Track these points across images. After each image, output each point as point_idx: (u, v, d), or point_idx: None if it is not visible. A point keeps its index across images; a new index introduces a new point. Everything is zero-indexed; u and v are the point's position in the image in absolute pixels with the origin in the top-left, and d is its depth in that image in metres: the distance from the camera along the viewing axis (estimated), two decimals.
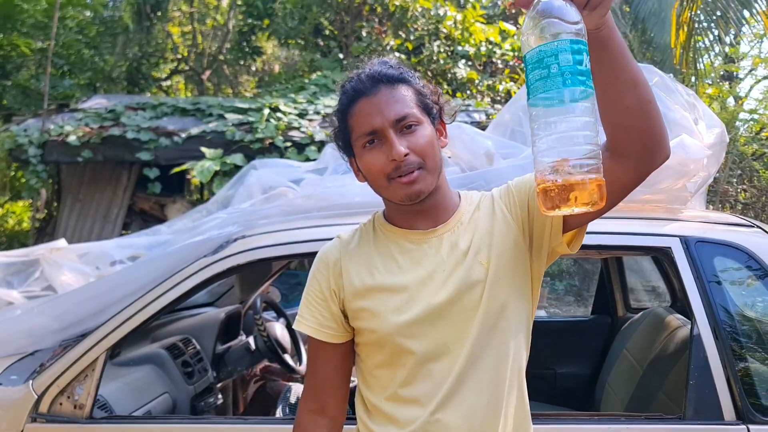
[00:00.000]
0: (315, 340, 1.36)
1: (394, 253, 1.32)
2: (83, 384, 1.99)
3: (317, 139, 6.10)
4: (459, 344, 1.27)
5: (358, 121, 1.26)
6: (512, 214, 1.32)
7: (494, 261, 1.28)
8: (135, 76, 13.14)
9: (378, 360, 1.32)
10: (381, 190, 1.30)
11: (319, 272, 1.36)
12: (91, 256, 3.06)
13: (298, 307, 1.39)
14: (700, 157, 2.11)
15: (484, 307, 1.27)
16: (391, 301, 1.28)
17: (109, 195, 7.10)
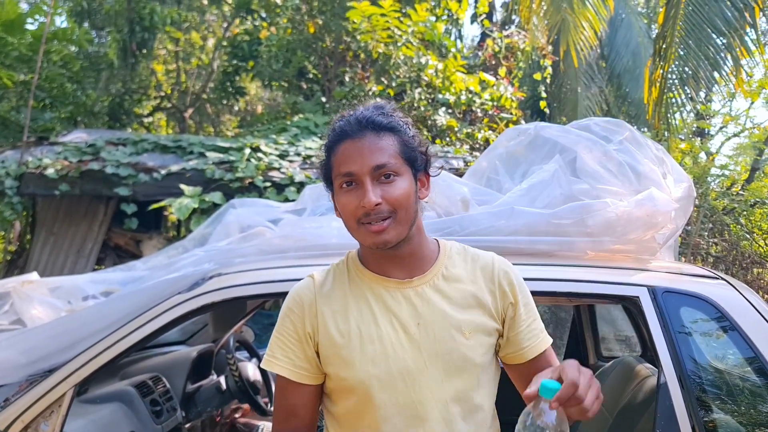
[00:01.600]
0: (286, 380, 1.34)
1: (369, 299, 1.33)
2: (48, 420, 1.96)
3: (297, 180, 6.14)
4: (430, 409, 1.28)
5: (339, 161, 1.29)
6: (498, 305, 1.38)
7: (474, 332, 1.32)
8: (117, 111, 13.13)
9: (346, 406, 1.33)
10: (351, 232, 1.32)
11: (292, 313, 1.36)
12: (63, 290, 3.02)
13: (267, 349, 1.38)
14: (668, 209, 2.18)
15: (460, 374, 1.30)
16: (365, 351, 1.28)
17: (84, 229, 7.03)
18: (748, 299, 1.90)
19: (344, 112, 1.37)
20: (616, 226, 2.15)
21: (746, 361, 1.85)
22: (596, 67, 12.73)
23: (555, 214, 2.21)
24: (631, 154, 2.37)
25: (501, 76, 9.18)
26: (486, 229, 2.29)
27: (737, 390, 1.87)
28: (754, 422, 1.84)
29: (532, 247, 2.20)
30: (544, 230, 2.21)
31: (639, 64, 11.62)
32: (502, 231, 2.26)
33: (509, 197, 2.41)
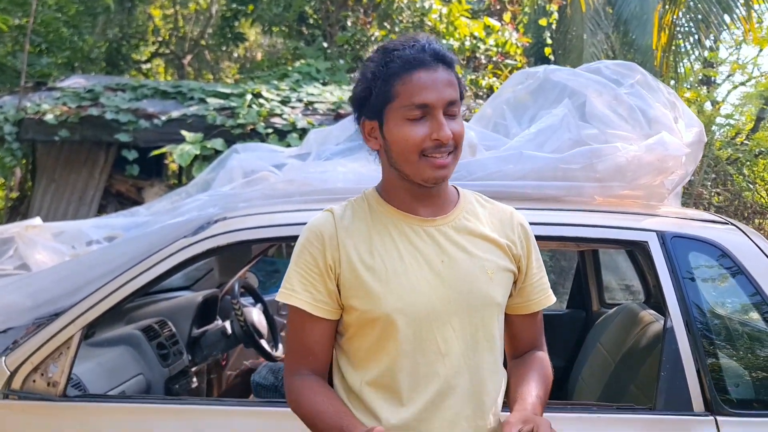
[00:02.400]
0: (304, 314, 1.31)
1: (393, 234, 1.31)
2: (57, 362, 1.97)
3: (299, 126, 6.06)
4: (452, 345, 1.29)
5: (411, 90, 1.24)
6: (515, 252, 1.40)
7: (496, 271, 1.34)
8: (114, 57, 12.92)
9: (365, 341, 1.31)
10: (404, 164, 1.28)
11: (311, 245, 1.32)
12: (67, 235, 3.01)
13: (283, 281, 1.34)
14: (679, 154, 2.15)
15: (481, 312, 1.32)
16: (391, 284, 1.27)
17: (86, 176, 6.98)
18: (758, 244, 1.89)
19: (400, 39, 1.33)
20: (625, 171, 2.12)
21: (754, 306, 1.85)
22: (603, 12, 12.43)
23: (564, 158, 2.18)
24: (642, 98, 2.32)
25: (506, 21, 8.96)
26: (493, 173, 2.27)
27: (744, 334, 1.88)
28: (759, 367, 1.86)
29: (540, 192, 2.17)
30: (552, 175, 2.18)
31: (647, 9, 11.34)
32: (510, 176, 2.23)
33: (517, 142, 2.38)
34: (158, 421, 1.90)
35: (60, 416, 1.93)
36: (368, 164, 2.58)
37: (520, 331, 1.47)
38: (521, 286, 1.42)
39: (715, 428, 1.70)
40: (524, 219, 1.45)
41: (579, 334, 3.22)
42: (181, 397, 2.52)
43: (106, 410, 1.95)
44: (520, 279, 1.41)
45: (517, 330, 1.47)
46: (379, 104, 1.28)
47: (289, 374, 1.36)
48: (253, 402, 2.14)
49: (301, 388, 1.33)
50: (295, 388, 1.34)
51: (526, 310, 1.45)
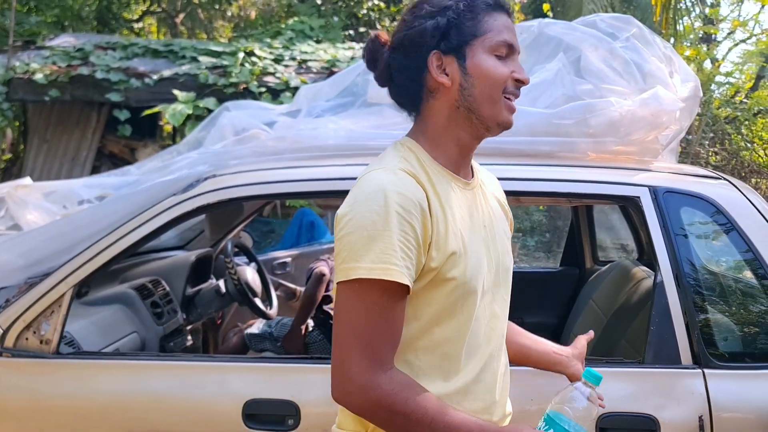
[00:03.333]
0: (399, 292, 1.13)
1: (452, 197, 1.22)
2: (50, 320, 1.97)
3: (292, 85, 5.99)
4: (498, 313, 1.32)
5: (500, 28, 1.22)
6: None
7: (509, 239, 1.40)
8: (105, 15, 12.69)
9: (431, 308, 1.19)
10: (486, 102, 1.20)
11: (412, 216, 1.12)
12: (58, 195, 2.99)
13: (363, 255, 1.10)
14: (674, 109, 2.12)
15: (507, 278, 1.36)
16: (468, 253, 1.20)
17: (78, 136, 6.93)
18: (750, 199, 1.88)
19: None
20: (619, 126, 2.09)
21: (745, 261, 1.85)
22: None
23: (556, 113, 2.15)
24: (638, 52, 2.28)
25: None
26: None
27: (734, 290, 1.89)
28: (748, 321, 1.87)
29: (533, 148, 2.15)
30: (544, 130, 2.16)
31: None
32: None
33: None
34: (152, 376, 1.92)
35: (53, 373, 1.94)
36: (359, 121, 2.56)
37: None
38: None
39: (703, 380, 1.72)
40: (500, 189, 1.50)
41: (572, 290, 3.23)
42: (175, 354, 2.54)
43: (99, 367, 1.97)
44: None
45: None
46: (464, 38, 1.21)
47: (375, 368, 1.11)
48: (248, 358, 2.15)
49: (402, 384, 1.12)
50: (395, 382, 1.11)
51: None
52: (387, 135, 2.34)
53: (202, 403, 1.84)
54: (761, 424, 1.70)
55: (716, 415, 1.69)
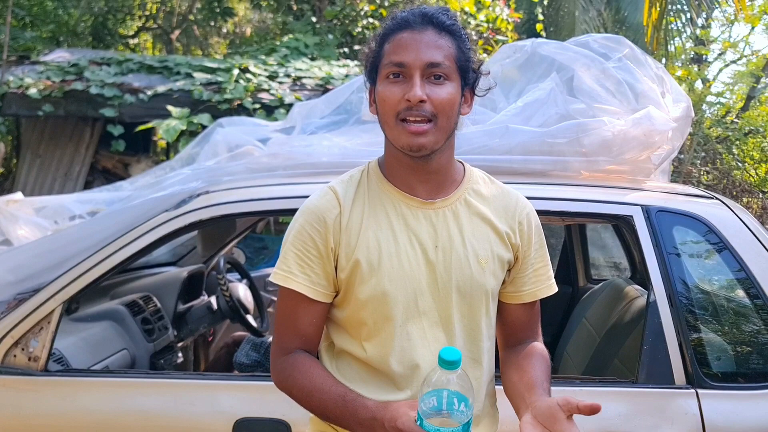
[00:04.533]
0: (300, 298, 1.29)
1: (390, 214, 1.29)
2: (38, 336, 1.95)
3: (287, 101, 6.00)
4: (437, 332, 1.28)
5: (392, 49, 1.22)
6: (514, 241, 1.35)
7: (489, 259, 1.31)
8: (101, 31, 12.72)
9: (360, 322, 1.30)
10: (386, 128, 1.25)
11: (312, 228, 1.28)
12: (49, 210, 2.97)
13: (278, 262, 1.30)
14: (666, 129, 2.13)
15: (469, 301, 1.30)
16: (382, 266, 1.25)
17: (71, 151, 6.91)
18: (742, 219, 1.88)
19: (406, 6, 1.30)
20: (611, 146, 2.10)
21: (738, 281, 1.85)
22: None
23: (550, 132, 2.17)
24: (630, 72, 2.30)
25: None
26: (479, 148, 2.25)
27: (726, 309, 1.88)
28: (741, 341, 1.86)
29: (526, 167, 2.16)
30: (538, 149, 2.17)
31: None
32: (496, 150, 2.21)
33: (503, 116, 2.35)
34: (142, 395, 1.89)
35: (41, 390, 1.91)
36: (353, 138, 2.57)
37: (512, 320, 1.42)
38: (515, 276, 1.38)
39: (696, 401, 1.71)
40: (531, 207, 1.40)
41: (565, 309, 3.23)
42: (165, 372, 2.51)
43: (88, 384, 1.94)
44: (516, 268, 1.37)
45: (509, 318, 1.42)
46: (373, 66, 1.27)
47: (278, 353, 1.33)
48: (239, 376, 2.13)
49: (294, 364, 1.29)
50: (286, 365, 1.30)
51: (518, 299, 1.40)
52: (380, 152, 2.34)
53: (192, 421, 1.82)
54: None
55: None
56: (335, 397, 1.23)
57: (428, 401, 1.06)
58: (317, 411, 1.29)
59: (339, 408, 1.22)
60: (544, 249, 1.42)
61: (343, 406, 1.22)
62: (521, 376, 1.29)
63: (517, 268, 1.37)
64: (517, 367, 1.33)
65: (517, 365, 1.34)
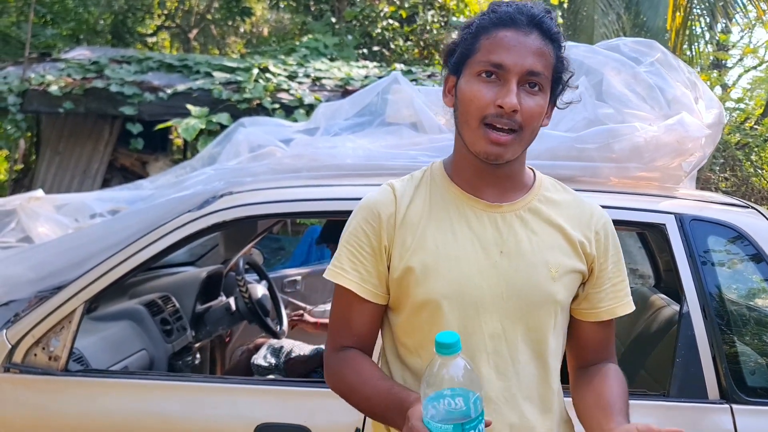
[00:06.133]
0: (352, 295, 1.24)
1: (452, 216, 1.22)
2: (59, 336, 1.94)
3: (306, 102, 5.99)
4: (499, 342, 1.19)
5: (491, 47, 1.14)
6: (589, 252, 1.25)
7: (560, 269, 1.21)
8: (120, 29, 12.80)
9: (414, 327, 1.24)
10: (465, 129, 1.17)
11: (367, 224, 1.23)
12: (70, 208, 2.97)
13: (333, 258, 1.26)
14: (699, 136, 2.08)
15: (537, 312, 1.20)
16: (439, 268, 1.18)
17: (90, 149, 6.94)
18: None
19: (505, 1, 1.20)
20: (643, 152, 2.06)
21: None
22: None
23: (580, 137, 2.12)
24: (662, 77, 2.25)
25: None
26: None
27: (762, 321, 1.83)
28: None
29: (555, 172, 2.07)
30: (567, 155, 2.12)
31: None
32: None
33: None
34: (163, 397, 1.87)
35: (61, 391, 1.90)
36: (377, 140, 2.54)
37: (587, 339, 1.31)
38: (591, 291, 1.27)
39: (731, 416, 1.66)
40: (608, 217, 1.30)
41: None
42: (186, 374, 2.50)
43: (109, 386, 1.92)
44: (590, 282, 1.26)
45: (583, 337, 1.31)
46: (462, 57, 1.19)
47: (331, 350, 1.29)
48: (258, 380, 2.11)
49: (344, 360, 1.25)
50: (336, 361, 1.26)
51: (594, 317, 1.28)
52: (405, 155, 2.31)
53: (213, 425, 1.80)
54: None
55: None
56: (382, 390, 1.16)
57: (430, 408, 0.98)
58: (364, 407, 1.24)
59: (384, 400, 1.15)
60: (622, 263, 1.31)
61: (387, 398, 1.15)
62: (597, 399, 1.19)
63: (593, 283, 1.26)
64: (591, 389, 1.23)
65: (592, 388, 1.23)
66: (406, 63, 7.40)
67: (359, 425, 1.73)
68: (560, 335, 1.26)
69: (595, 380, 1.25)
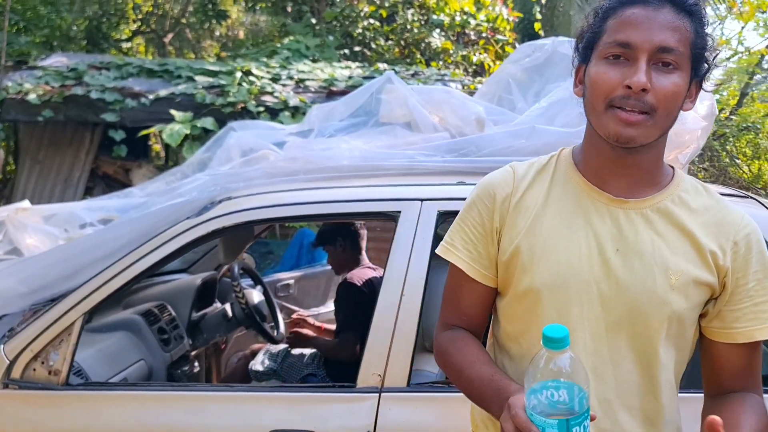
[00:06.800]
0: (461, 274, 1.22)
1: (570, 205, 1.16)
2: (58, 349, 1.89)
3: (291, 104, 5.94)
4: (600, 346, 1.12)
5: (618, 26, 1.07)
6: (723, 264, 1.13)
7: (684, 279, 1.11)
8: (95, 35, 12.63)
9: (515, 310, 1.20)
10: (592, 115, 1.11)
11: (482, 203, 1.20)
12: (59, 218, 2.92)
13: (447, 234, 1.25)
14: (696, 128, 2.10)
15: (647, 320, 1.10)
16: (548, 258, 1.13)
17: (71, 157, 6.83)
18: None
19: None
20: None
21: None
22: None
23: (577, 132, 2.11)
24: None
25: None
26: (504, 149, 2.21)
27: None
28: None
29: None
30: None
31: None
32: (521, 151, 2.17)
33: (527, 116, 2.31)
34: (167, 408, 1.84)
35: (63, 406, 1.86)
36: (371, 140, 2.52)
37: (721, 362, 1.17)
38: (724, 309, 1.13)
39: None
40: (755, 228, 1.15)
41: None
42: (190, 384, 2.47)
43: (112, 398, 1.88)
44: (723, 298, 1.13)
45: (715, 359, 1.17)
46: (589, 43, 1.12)
47: (441, 327, 1.28)
48: (261, 387, 2.08)
49: (452, 340, 1.24)
50: (444, 339, 1.25)
51: (728, 338, 1.14)
52: (403, 154, 2.30)
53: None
54: None
55: None
56: (485, 375, 1.13)
57: (533, 399, 0.94)
58: (464, 388, 1.20)
59: (484, 385, 1.12)
60: (767, 280, 1.15)
61: (489, 384, 1.11)
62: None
63: (726, 299, 1.13)
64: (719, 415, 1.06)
65: (718, 414, 1.02)
66: (387, 62, 7.40)
67: (370, 428, 1.71)
68: (676, 349, 1.15)
69: (725, 408, 1.11)
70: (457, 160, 2.21)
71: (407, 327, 1.75)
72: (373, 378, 1.75)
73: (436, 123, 2.49)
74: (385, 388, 1.73)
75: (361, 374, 1.76)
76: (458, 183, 1.96)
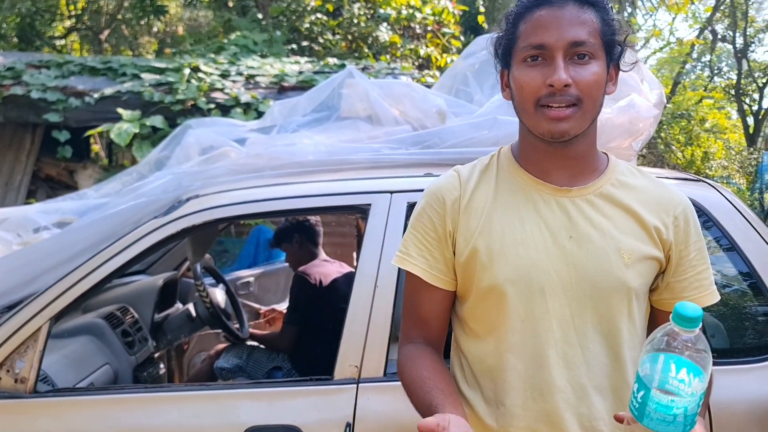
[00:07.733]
0: (419, 281, 1.24)
1: (518, 200, 1.20)
2: (24, 356, 1.84)
3: (243, 100, 5.86)
4: (567, 330, 1.16)
5: (530, 30, 1.13)
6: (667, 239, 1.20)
7: (634, 256, 1.16)
8: (27, 32, 12.15)
9: (478, 311, 1.22)
10: (524, 116, 1.17)
11: (431, 209, 1.23)
12: (11, 222, 2.81)
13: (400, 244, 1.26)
14: (649, 116, 2.18)
15: (608, 299, 1.15)
16: (506, 253, 1.16)
17: (11, 160, 6.55)
18: (731, 201, 1.94)
19: None
20: (599, 134, 2.10)
21: (732, 262, 1.91)
22: None
23: None
24: None
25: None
26: (467, 140, 2.25)
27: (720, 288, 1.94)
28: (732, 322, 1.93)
29: None
30: None
31: None
32: (484, 142, 2.21)
33: (488, 108, 2.36)
34: (142, 411, 1.81)
35: (32, 413, 1.81)
36: (334, 135, 2.53)
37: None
38: (672, 280, 1.21)
39: None
40: (688, 203, 1.25)
41: None
42: (164, 385, 2.43)
43: (83, 404, 1.84)
44: (669, 271, 1.21)
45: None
46: (507, 48, 1.18)
47: (402, 340, 1.29)
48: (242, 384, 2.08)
49: (407, 356, 1.25)
50: (403, 354, 1.26)
51: None
52: (368, 148, 2.32)
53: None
54: None
55: None
56: (425, 401, 1.14)
57: (646, 366, 0.92)
58: (416, 408, 1.19)
59: (423, 409, 1.14)
60: (705, 250, 1.25)
61: (426, 410, 1.12)
62: None
63: (673, 271, 1.21)
64: None
65: None
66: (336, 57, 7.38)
67: (350, 419, 1.73)
68: (636, 325, 1.20)
69: None
70: (423, 152, 2.24)
71: (382, 318, 1.78)
72: (350, 369, 1.77)
73: (398, 116, 2.51)
74: (362, 379, 1.75)
75: (337, 366, 1.77)
76: (426, 174, 1.99)
